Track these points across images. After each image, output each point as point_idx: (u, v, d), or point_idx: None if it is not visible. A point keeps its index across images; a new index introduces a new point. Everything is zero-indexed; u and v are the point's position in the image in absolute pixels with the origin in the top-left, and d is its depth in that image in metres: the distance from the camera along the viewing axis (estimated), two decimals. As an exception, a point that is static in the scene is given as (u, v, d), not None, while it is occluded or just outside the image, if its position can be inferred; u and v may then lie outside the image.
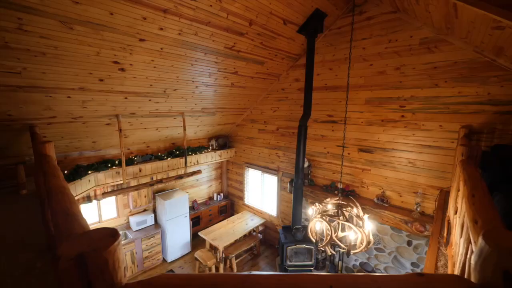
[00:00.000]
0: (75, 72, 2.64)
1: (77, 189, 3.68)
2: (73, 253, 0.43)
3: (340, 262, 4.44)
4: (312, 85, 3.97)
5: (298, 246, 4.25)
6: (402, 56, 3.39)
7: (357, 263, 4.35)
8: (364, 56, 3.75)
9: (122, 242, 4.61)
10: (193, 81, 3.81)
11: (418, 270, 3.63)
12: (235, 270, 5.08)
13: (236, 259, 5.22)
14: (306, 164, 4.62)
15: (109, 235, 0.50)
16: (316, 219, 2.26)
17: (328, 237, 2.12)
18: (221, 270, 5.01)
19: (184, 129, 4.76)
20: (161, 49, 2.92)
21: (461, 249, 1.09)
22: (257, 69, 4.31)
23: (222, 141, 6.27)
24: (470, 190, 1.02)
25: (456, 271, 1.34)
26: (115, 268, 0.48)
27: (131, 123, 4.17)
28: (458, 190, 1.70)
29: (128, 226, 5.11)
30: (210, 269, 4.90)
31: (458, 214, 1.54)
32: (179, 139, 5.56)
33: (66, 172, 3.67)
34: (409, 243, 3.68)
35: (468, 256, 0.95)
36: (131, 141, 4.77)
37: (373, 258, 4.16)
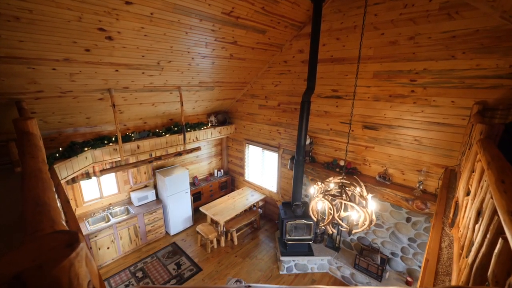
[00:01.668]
0: (57, 41, 2.39)
1: (74, 166, 3.61)
2: (7, 275, 0.32)
3: (338, 237, 4.55)
4: (317, 56, 3.68)
5: (298, 221, 4.31)
6: (417, 23, 3.07)
7: (355, 238, 4.45)
8: (375, 24, 3.42)
9: (124, 217, 4.69)
10: (188, 52, 3.53)
11: (414, 245, 3.71)
12: (235, 243, 5.25)
13: (236, 232, 5.37)
14: (307, 141, 4.51)
15: (65, 243, 0.39)
16: (318, 199, 2.20)
17: (330, 217, 2.07)
18: (222, 243, 5.18)
19: (182, 105, 4.56)
20: (151, 14, 2.62)
21: (478, 237, 1.00)
22: (258, 39, 3.98)
23: (222, 117, 6.09)
24: (498, 175, 0.90)
25: (465, 255, 1.28)
26: (72, 289, 0.37)
27: (125, 98, 3.97)
28: (473, 172, 1.59)
29: (129, 202, 5.17)
30: (211, 241, 5.06)
31: (471, 197, 1.45)
32: (177, 115, 5.38)
33: (60, 149, 3.57)
34: (408, 220, 3.71)
35: (485, 248, 0.87)
36: (127, 117, 4.61)
37: (370, 233, 4.24)
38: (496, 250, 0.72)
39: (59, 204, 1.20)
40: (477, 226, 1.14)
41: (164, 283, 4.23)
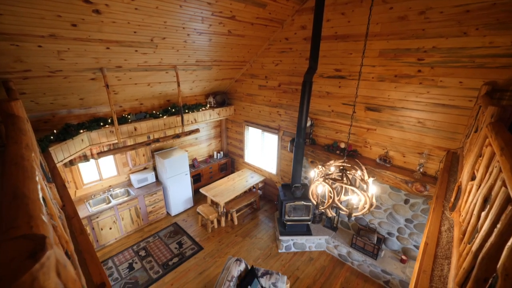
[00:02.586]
0: (40, 15, 2.21)
1: (70, 149, 3.55)
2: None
3: (336, 217, 4.63)
4: (320, 33, 3.47)
5: (297, 203, 4.36)
6: (430, -5, 2.85)
7: (353, 218, 4.53)
8: (383, -3, 3.17)
9: (125, 198, 4.73)
10: (183, 28, 3.31)
11: (411, 226, 3.77)
12: (236, 223, 5.36)
13: (236, 213, 5.47)
14: (308, 123, 4.42)
15: (28, 253, 0.33)
16: (318, 182, 2.17)
17: (330, 200, 2.05)
18: (223, 223, 5.29)
19: (178, 85, 4.40)
20: (141, -16, 2.40)
21: (485, 225, 0.97)
22: (257, 13, 3.72)
23: (220, 98, 5.93)
24: (514, 163, 0.84)
25: (466, 241, 1.26)
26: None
27: (119, 78, 3.81)
28: (480, 156, 1.54)
29: (129, 184, 5.19)
30: (212, 222, 5.16)
31: (477, 182, 1.41)
32: (174, 95, 5.23)
33: (55, 131, 3.49)
34: (406, 202, 3.74)
35: (494, 238, 0.83)
36: (122, 98, 4.46)
37: (368, 214, 4.30)
38: (510, 243, 0.68)
39: (45, 196, 1.15)
40: (483, 213, 1.10)
41: (167, 261, 4.37)
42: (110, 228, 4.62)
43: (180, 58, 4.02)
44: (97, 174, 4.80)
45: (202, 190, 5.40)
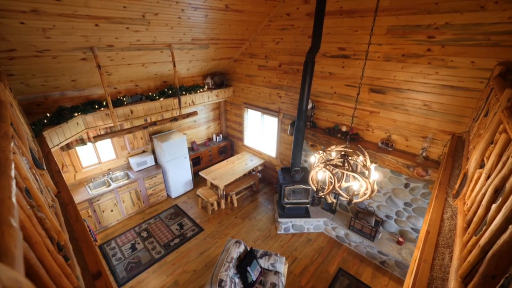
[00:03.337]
0: (18, -14, 2.01)
1: (66, 132, 3.47)
2: None
3: (335, 201, 4.66)
4: (324, 7, 3.23)
5: (296, 186, 4.36)
6: (446, -36, 2.59)
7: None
8: (395, -34, 2.90)
9: (125, 181, 4.74)
10: (177, 2, 3.07)
11: (410, 209, 3.80)
12: (235, 205, 5.43)
13: (236, 195, 5.51)
14: (309, 106, 4.28)
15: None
16: (318, 168, 2.11)
17: (331, 187, 2.01)
18: (223, 206, 5.36)
19: (174, 65, 4.20)
20: (127, -49, 2.16)
21: (497, 220, 0.91)
22: (257, -14, 3.44)
23: (219, 79, 5.72)
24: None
25: (472, 231, 1.22)
26: None
27: (111, 58, 3.62)
28: (492, 143, 1.45)
29: (129, 167, 5.18)
30: (212, 204, 5.22)
31: (486, 171, 1.34)
32: (171, 77, 5.03)
33: (48, 115, 3.38)
34: (406, 186, 3.72)
35: (508, 235, 0.77)
36: (116, 80, 4.29)
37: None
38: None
39: (30, 186, 1.08)
40: (494, 205, 1.04)
41: (168, 242, 4.48)
42: (112, 211, 4.68)
43: (175, 36, 3.79)
44: (95, 158, 4.76)
45: (201, 173, 5.39)
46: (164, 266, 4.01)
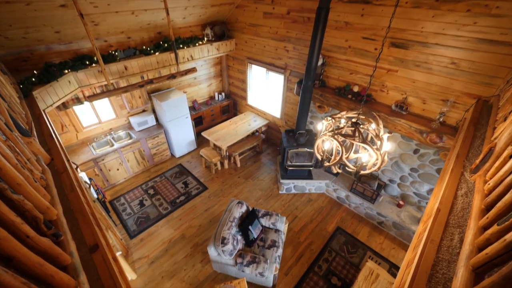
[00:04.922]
0: None
1: (58, 92, 3.27)
2: None
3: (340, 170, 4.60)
4: None
5: (300, 149, 4.26)
6: None
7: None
8: None
9: (128, 141, 4.71)
10: None
11: (415, 175, 3.72)
12: (238, 165, 5.48)
13: (239, 156, 5.51)
14: (319, 62, 3.86)
15: None
16: (325, 137, 1.94)
17: (338, 158, 1.87)
18: (226, 166, 5.41)
19: (167, 13, 3.67)
20: None
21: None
22: None
23: (219, 30, 5.13)
24: None
25: (492, 217, 1.11)
26: None
27: (95, 4, 3.15)
28: (536, 117, 1.22)
29: (130, 127, 5.09)
30: (215, 164, 5.27)
31: (524, 151, 1.15)
32: (165, 27, 4.51)
33: (36, 72, 3.13)
34: (415, 151, 3.57)
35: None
36: (105, 31, 3.86)
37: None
38: None
39: (3, 165, 0.96)
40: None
41: (174, 199, 4.67)
42: (118, 169, 4.78)
43: (165, -25, 3.21)
44: (95, 117, 4.64)
45: (204, 134, 5.30)
46: (172, 221, 4.26)
